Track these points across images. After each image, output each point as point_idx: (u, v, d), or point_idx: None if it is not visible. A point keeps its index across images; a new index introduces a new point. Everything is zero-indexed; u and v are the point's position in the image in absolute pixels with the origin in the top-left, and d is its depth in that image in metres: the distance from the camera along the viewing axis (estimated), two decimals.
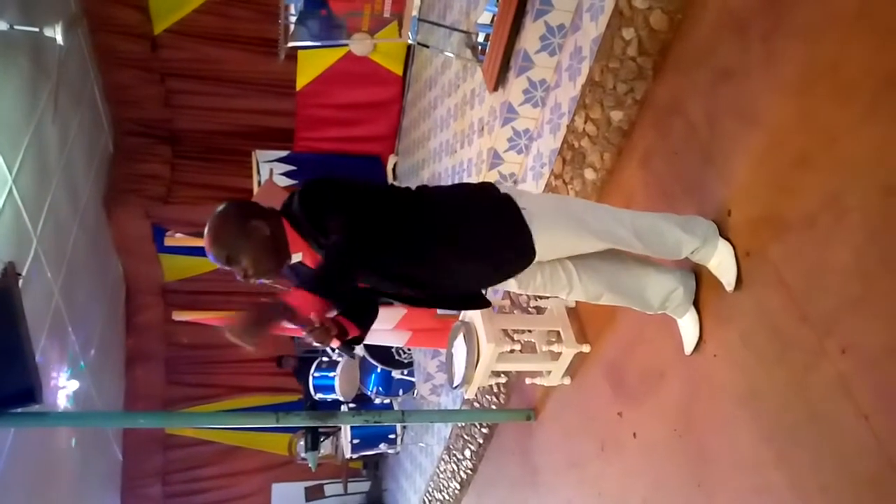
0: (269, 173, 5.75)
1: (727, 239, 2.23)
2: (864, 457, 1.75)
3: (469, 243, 2.03)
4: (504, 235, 2.04)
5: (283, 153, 6.42)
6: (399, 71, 6.26)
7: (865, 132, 1.81)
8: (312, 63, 6.10)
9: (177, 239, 4.53)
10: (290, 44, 4.50)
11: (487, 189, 2.15)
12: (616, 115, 2.91)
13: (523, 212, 2.03)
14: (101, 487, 6.61)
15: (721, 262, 2.23)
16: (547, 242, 2.04)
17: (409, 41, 4.29)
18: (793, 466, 1.99)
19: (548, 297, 3.27)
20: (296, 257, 1.97)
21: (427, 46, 4.80)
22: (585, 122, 3.07)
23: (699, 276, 2.38)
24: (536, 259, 2.05)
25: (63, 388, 5.09)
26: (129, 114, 6.63)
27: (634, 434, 2.83)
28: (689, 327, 2.41)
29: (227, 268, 1.91)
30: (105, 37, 6.11)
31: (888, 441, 1.70)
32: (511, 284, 2.22)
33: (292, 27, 4.46)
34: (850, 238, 1.83)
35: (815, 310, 1.93)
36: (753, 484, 2.14)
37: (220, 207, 1.92)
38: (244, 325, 1.66)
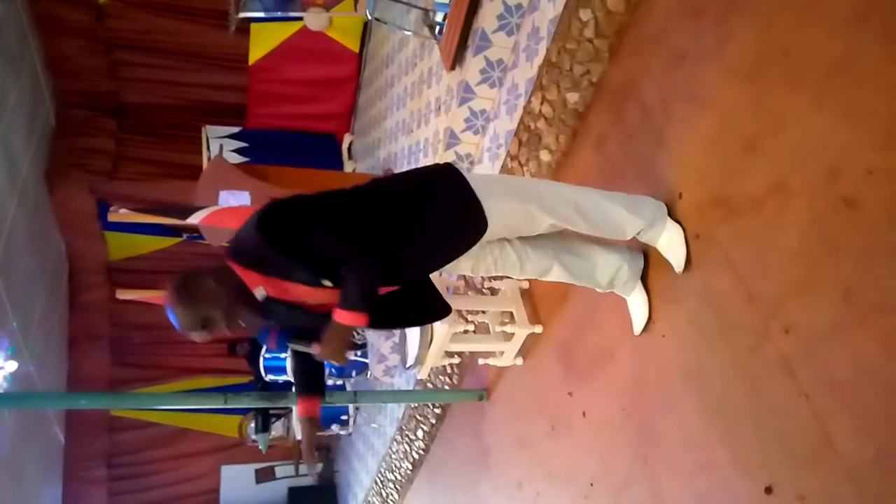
0: (220, 150, 5.59)
1: (678, 221, 2.26)
2: (805, 435, 1.80)
3: (423, 222, 2.01)
4: (457, 209, 2.02)
5: (235, 129, 6.25)
6: (355, 47, 6.16)
7: (813, 118, 1.85)
8: (266, 37, 5.95)
9: (120, 215, 4.38)
10: (242, 15, 4.38)
11: (431, 168, 2.17)
12: (572, 97, 2.91)
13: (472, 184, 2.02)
14: (41, 471, 6.42)
15: (670, 244, 2.26)
16: (496, 214, 2.03)
17: (366, 17, 4.21)
18: (736, 444, 2.04)
19: (501, 278, 3.29)
20: (259, 293, 1.93)
21: (384, 23, 4.72)
22: (542, 104, 3.06)
23: (650, 257, 2.41)
24: (488, 231, 2.04)
25: (0, 368, 4.92)
26: (73, 85, 6.38)
27: (584, 413, 2.87)
28: (638, 308, 2.44)
29: (209, 334, 1.91)
30: (46, 4, 5.86)
31: (827, 419, 1.75)
32: (464, 267, 2.21)
33: None
34: (796, 222, 1.86)
35: (761, 291, 1.97)
36: (698, 461, 2.19)
37: (166, 292, 1.92)
38: (333, 349, 1.92)
